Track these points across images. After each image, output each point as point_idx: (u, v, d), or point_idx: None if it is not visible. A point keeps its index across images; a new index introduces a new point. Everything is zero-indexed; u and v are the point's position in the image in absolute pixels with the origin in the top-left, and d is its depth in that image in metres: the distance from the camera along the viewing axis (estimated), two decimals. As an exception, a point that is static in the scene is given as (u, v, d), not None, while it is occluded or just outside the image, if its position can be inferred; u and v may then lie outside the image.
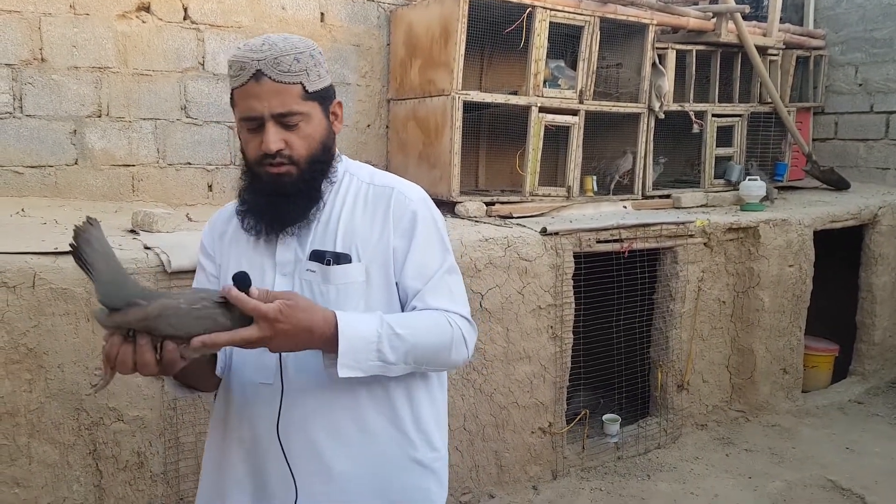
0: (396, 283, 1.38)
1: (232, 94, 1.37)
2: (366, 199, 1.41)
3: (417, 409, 1.40)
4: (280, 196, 1.35)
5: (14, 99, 3.29)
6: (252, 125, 1.33)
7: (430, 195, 1.56)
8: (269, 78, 1.29)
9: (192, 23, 3.61)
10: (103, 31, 3.41)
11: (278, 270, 1.39)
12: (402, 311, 1.39)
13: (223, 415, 1.43)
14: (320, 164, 1.38)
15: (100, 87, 3.44)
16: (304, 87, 1.33)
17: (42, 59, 3.31)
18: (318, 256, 1.36)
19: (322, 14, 3.98)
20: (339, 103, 1.44)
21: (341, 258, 1.35)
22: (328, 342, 1.24)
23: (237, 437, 1.39)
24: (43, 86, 3.33)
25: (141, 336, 1.16)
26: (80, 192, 3.48)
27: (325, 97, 1.39)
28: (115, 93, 3.47)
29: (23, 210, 3.07)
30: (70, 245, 1.16)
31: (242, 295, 1.19)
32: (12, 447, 2.27)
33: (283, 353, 1.31)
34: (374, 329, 1.27)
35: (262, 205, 1.37)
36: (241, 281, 1.20)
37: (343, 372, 1.25)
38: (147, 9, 3.50)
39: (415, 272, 1.37)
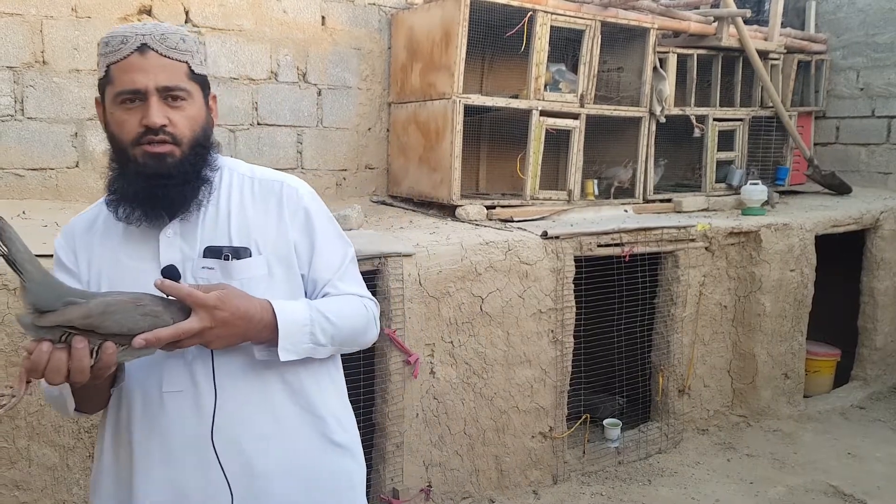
0: (302, 276, 1.40)
1: (108, 70, 1.27)
2: (252, 192, 1.39)
3: (324, 393, 1.41)
4: (161, 177, 1.26)
5: (15, 101, 3.29)
6: (132, 101, 1.25)
7: (431, 198, 1.57)
8: (156, 52, 1.26)
9: (194, 26, 3.61)
10: (105, 33, 3.41)
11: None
12: (307, 298, 1.41)
13: (121, 432, 1.32)
14: (202, 149, 1.32)
15: (101, 89, 3.44)
16: (189, 67, 1.30)
17: (44, 62, 3.32)
18: (213, 253, 1.31)
19: (323, 17, 3.98)
20: (215, 97, 1.40)
21: (241, 252, 1.32)
22: (265, 328, 1.26)
23: (145, 454, 1.29)
24: (44, 88, 3.33)
25: (78, 339, 1.11)
26: (81, 195, 3.48)
27: (206, 85, 1.36)
28: (116, 96, 3.47)
29: (24, 212, 3.07)
30: None
31: (179, 284, 1.19)
32: (12, 450, 2.27)
33: (213, 355, 1.28)
34: (306, 314, 1.31)
35: (139, 190, 1.27)
36: (171, 274, 1.21)
37: (283, 355, 1.28)
38: (148, 12, 3.51)
39: (324, 265, 1.41)
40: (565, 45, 4.11)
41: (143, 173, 1.26)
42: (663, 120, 4.30)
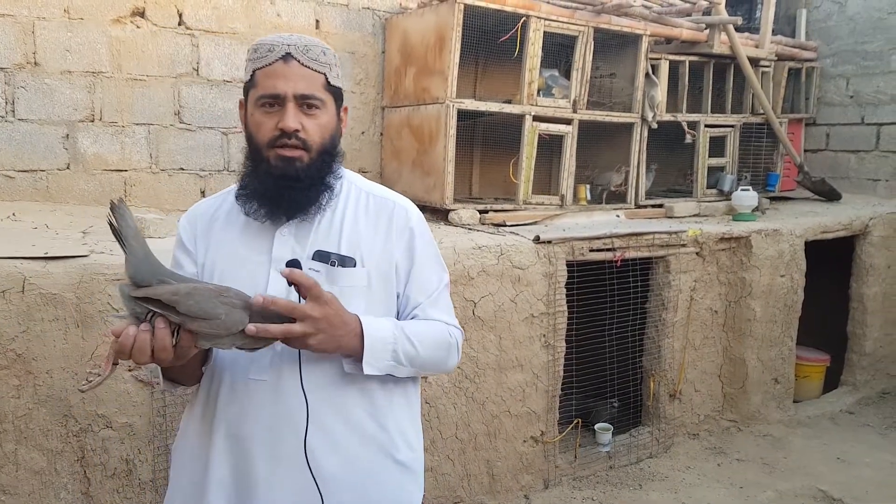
0: (398, 295, 1.45)
1: (253, 75, 1.37)
2: (367, 207, 1.45)
3: (397, 411, 1.44)
4: (289, 180, 1.34)
5: (6, 102, 3.27)
6: (271, 105, 1.34)
7: (424, 202, 1.61)
8: (298, 61, 1.34)
9: (187, 28, 3.61)
10: (97, 35, 3.41)
11: (273, 266, 1.38)
12: (398, 318, 1.46)
13: (204, 411, 1.41)
14: (329, 157, 1.40)
15: (93, 91, 3.43)
16: (326, 79, 1.38)
17: (35, 63, 3.30)
18: (322, 257, 1.37)
19: (317, 21, 3.98)
20: (346, 109, 1.48)
21: (346, 261, 1.38)
22: (356, 338, 1.32)
23: (220, 433, 1.37)
24: (36, 90, 3.32)
25: (160, 321, 1.18)
26: (72, 197, 3.46)
27: (339, 97, 1.44)
28: (108, 97, 3.46)
29: (14, 214, 3.05)
30: (109, 214, 1.20)
31: (305, 273, 1.26)
32: (-1, 454, 2.25)
33: (301, 362, 1.32)
34: (390, 331, 1.36)
35: (268, 188, 1.36)
36: (295, 266, 1.28)
37: (367, 369, 1.33)
38: (142, 14, 3.50)
39: (418, 287, 1.46)
40: (558, 51, 4.13)
41: (273, 174, 1.35)
42: (655, 126, 4.32)
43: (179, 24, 3.59)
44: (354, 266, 1.38)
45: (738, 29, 4.60)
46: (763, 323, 4.02)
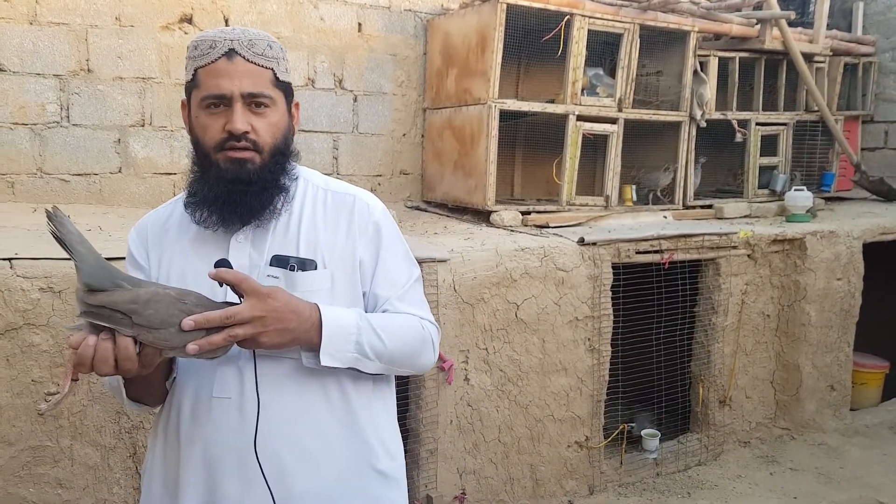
0: (364, 292, 1.37)
1: (194, 74, 1.29)
2: (325, 205, 1.37)
3: (376, 419, 1.37)
4: (241, 184, 1.26)
5: (61, 108, 3.38)
6: (216, 106, 1.27)
7: (465, 204, 1.54)
8: (243, 57, 1.26)
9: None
10: (147, 42, 3.49)
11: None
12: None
13: (170, 433, 1.33)
14: (282, 157, 1.33)
15: (143, 96, 3.52)
16: (274, 74, 1.30)
17: (88, 70, 3.40)
18: (280, 262, 1.30)
19: (360, 24, 4.01)
20: (297, 104, 1.40)
21: (307, 264, 1.30)
22: (313, 327, 1.23)
23: (188, 457, 1.29)
24: (89, 96, 3.41)
25: (114, 328, 1.12)
26: (124, 200, 3.55)
27: (289, 92, 1.36)
28: (157, 102, 3.55)
29: (69, 217, 3.13)
30: (49, 224, 1.14)
31: (234, 271, 1.18)
32: (55, 449, 2.32)
33: (257, 361, 1.25)
34: (353, 321, 1.27)
35: (219, 194, 1.27)
36: (225, 266, 1.20)
37: (326, 360, 1.24)
38: (189, 20, 3.57)
39: (386, 283, 1.37)
40: (603, 49, 4.07)
41: (224, 178, 1.27)
42: (704, 124, 4.23)
43: (226, 30, 3.65)
44: (315, 268, 1.30)
45: (791, 24, 4.47)
46: (818, 328, 3.88)
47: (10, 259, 2.26)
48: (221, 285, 1.21)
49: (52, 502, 2.33)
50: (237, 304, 1.18)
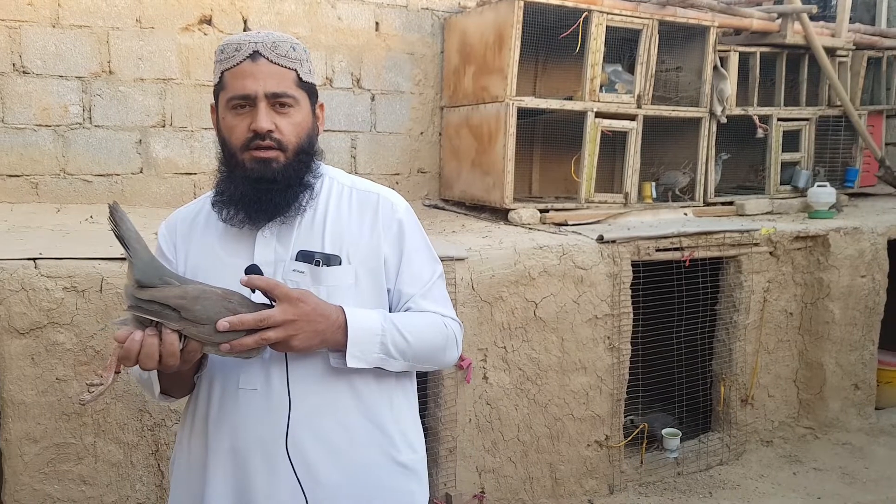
0: (388, 290, 1.40)
1: (221, 76, 1.33)
2: (350, 202, 1.40)
3: (398, 412, 1.40)
4: (265, 182, 1.30)
5: (84, 110, 3.42)
6: (242, 107, 1.31)
7: (483, 202, 1.54)
8: (267, 59, 1.30)
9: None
10: (167, 43, 3.52)
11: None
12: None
13: (197, 424, 1.37)
14: (306, 156, 1.36)
15: (164, 97, 3.55)
16: (298, 75, 1.34)
17: (110, 72, 3.44)
18: (305, 257, 1.33)
19: (377, 24, 4.01)
20: (322, 105, 1.44)
21: (331, 260, 1.33)
22: (339, 329, 1.27)
23: (216, 447, 1.33)
24: (111, 97, 3.45)
25: (163, 323, 1.17)
26: (145, 200, 3.59)
27: (313, 93, 1.40)
28: (178, 103, 3.58)
29: (91, 217, 3.18)
30: (109, 220, 1.19)
31: (265, 277, 1.22)
32: (79, 446, 2.35)
33: (288, 359, 1.28)
34: (377, 322, 1.31)
35: (245, 193, 1.31)
36: (255, 272, 1.23)
37: (352, 362, 1.28)
38: (209, 21, 3.60)
39: (410, 280, 1.40)
40: (621, 45, 4.04)
41: (249, 177, 1.31)
42: (724, 120, 4.18)
43: (245, 31, 3.67)
44: (340, 264, 1.33)
45: (812, 17, 4.40)
46: (842, 326, 3.83)
47: (34, 259, 2.30)
48: (253, 291, 1.24)
49: (77, 499, 2.37)
50: (273, 306, 1.22)
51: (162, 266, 1.25)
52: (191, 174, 3.66)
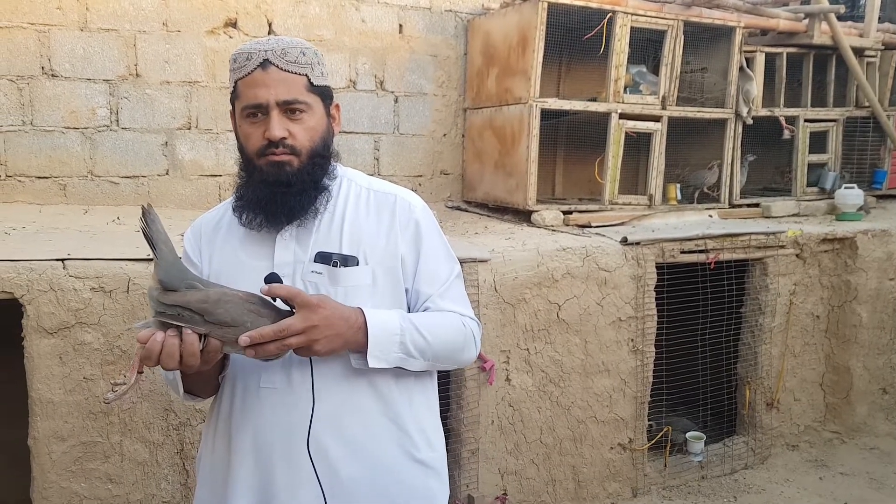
0: (406, 289, 1.42)
1: (235, 86, 1.37)
2: (367, 204, 1.42)
3: (417, 411, 1.42)
4: (281, 186, 1.33)
5: (111, 112, 3.46)
6: (255, 115, 1.34)
7: (506, 204, 1.54)
8: (277, 67, 1.33)
9: (276, 37, 3.71)
10: (193, 46, 3.56)
11: (276, 272, 1.34)
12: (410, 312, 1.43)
13: (221, 422, 1.40)
14: (321, 159, 1.38)
15: (189, 100, 3.59)
16: (309, 80, 1.36)
17: (137, 75, 3.48)
18: (323, 258, 1.35)
19: (401, 26, 4.02)
20: (338, 106, 1.46)
21: (349, 260, 1.35)
22: (359, 331, 1.29)
23: (239, 445, 1.36)
24: (137, 100, 3.50)
25: (187, 327, 1.19)
26: (171, 201, 3.63)
27: (326, 95, 1.41)
28: (203, 106, 3.61)
29: (118, 218, 3.22)
30: (141, 219, 1.22)
31: (284, 286, 1.25)
32: (106, 445, 2.38)
33: (312, 362, 1.30)
34: (396, 322, 1.33)
35: (262, 197, 1.35)
36: (274, 280, 1.26)
37: (373, 362, 1.30)
38: (234, 24, 3.63)
39: (427, 280, 1.42)
40: (646, 46, 4.01)
41: (266, 181, 1.34)
42: (750, 121, 4.14)
43: (269, 33, 3.70)
44: (357, 265, 1.36)
45: (840, 17, 4.34)
46: (870, 329, 3.77)
47: (62, 259, 2.33)
48: (274, 299, 1.26)
49: (103, 497, 2.40)
50: (293, 312, 1.25)
51: (185, 269, 1.28)
52: (216, 176, 3.70)
